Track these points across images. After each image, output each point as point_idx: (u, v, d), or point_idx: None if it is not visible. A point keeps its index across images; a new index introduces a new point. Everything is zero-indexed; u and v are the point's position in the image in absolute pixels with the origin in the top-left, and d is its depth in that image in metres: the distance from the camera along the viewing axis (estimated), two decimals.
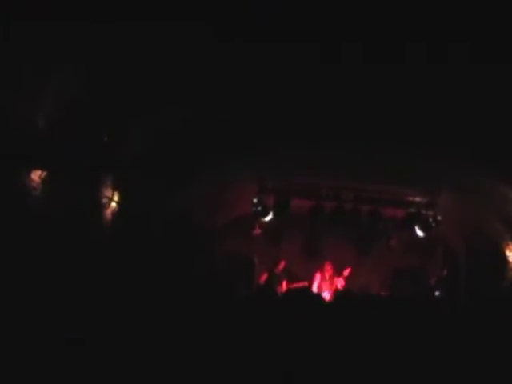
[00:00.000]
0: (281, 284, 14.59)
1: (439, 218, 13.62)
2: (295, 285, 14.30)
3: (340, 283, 14.58)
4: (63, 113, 7.13)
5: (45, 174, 7.07)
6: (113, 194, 9.63)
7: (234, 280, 13.80)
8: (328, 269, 14.75)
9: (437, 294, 15.21)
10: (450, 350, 5.62)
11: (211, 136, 9.93)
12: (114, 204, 9.69)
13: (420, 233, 14.15)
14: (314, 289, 14.27)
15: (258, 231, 15.76)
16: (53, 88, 6.85)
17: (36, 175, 6.98)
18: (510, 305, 10.36)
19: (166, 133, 9.45)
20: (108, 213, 9.62)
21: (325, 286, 14.39)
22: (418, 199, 13.74)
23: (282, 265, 15.27)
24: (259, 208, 13.71)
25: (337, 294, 7.05)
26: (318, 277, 14.75)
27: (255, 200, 13.60)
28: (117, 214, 9.82)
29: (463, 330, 6.22)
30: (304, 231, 16.53)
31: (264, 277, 14.84)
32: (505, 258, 14.08)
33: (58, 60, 6.56)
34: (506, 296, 13.42)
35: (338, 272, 14.85)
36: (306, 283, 14.47)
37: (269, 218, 14.07)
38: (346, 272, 14.83)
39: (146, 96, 8.21)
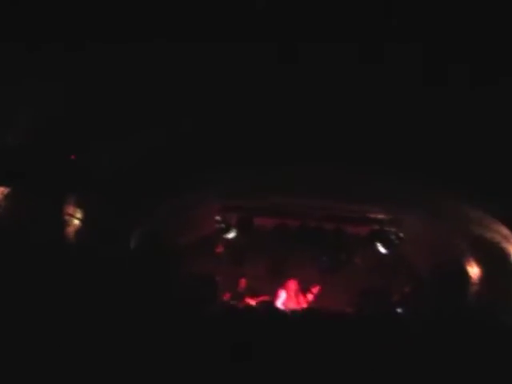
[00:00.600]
0: (243, 301, 14.51)
1: (401, 235, 13.73)
2: (256, 299, 14.28)
3: (307, 301, 14.55)
4: (31, 129, 7.08)
5: (8, 190, 6.98)
6: (75, 212, 9.54)
7: (197, 299, 13.68)
8: (292, 286, 14.71)
9: (399, 311, 15.25)
10: (415, 364, 5.65)
11: (178, 158, 9.90)
12: (76, 221, 9.59)
13: (383, 250, 14.24)
14: (279, 305, 14.23)
15: (220, 249, 15.69)
16: (24, 104, 6.81)
17: None
18: (472, 319, 10.43)
19: (133, 155, 9.42)
20: (70, 230, 9.52)
21: (290, 303, 14.33)
22: (381, 217, 13.82)
23: (242, 283, 15.21)
24: (222, 225, 13.68)
25: (303, 311, 7.05)
26: (282, 294, 14.70)
27: (218, 218, 13.58)
28: (80, 231, 9.73)
29: (427, 345, 6.26)
30: (268, 250, 16.50)
31: (227, 295, 14.77)
32: (466, 274, 14.25)
33: (29, 76, 6.52)
34: (468, 311, 13.57)
35: (304, 289, 14.82)
36: (266, 297, 14.44)
37: (232, 235, 14.03)
38: (315, 289, 14.80)
39: (114, 120, 8.19)
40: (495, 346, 6.35)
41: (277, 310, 7.63)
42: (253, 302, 14.25)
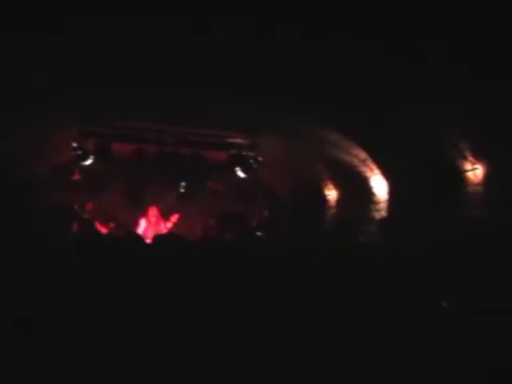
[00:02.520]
0: (93, 226, 14.09)
1: (260, 159, 13.69)
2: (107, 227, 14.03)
3: (166, 228, 14.39)
4: None
5: None
6: None
7: (57, 228, 13.14)
8: (153, 213, 14.50)
9: (259, 234, 15.42)
10: (275, 287, 5.61)
11: (31, 80, 9.25)
12: None
13: (242, 174, 14.19)
14: (140, 233, 13.98)
15: (77, 177, 15.13)
16: None
17: None
18: (329, 241, 10.61)
19: None
20: None
21: (151, 231, 14.09)
22: (239, 141, 13.69)
23: (89, 206, 14.82)
24: (79, 152, 13.10)
25: (156, 236, 6.90)
26: (143, 222, 14.46)
27: (75, 144, 12.97)
28: None
29: (286, 267, 6.23)
30: (127, 177, 16.13)
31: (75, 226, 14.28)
32: (325, 197, 14.54)
33: None
34: (326, 233, 13.91)
35: (164, 217, 14.66)
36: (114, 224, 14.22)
37: (89, 162, 13.48)
38: (174, 217, 14.66)
39: None
40: (352, 267, 6.42)
41: (138, 236, 7.38)
42: (104, 230, 13.91)
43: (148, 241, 9.36)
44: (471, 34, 6.29)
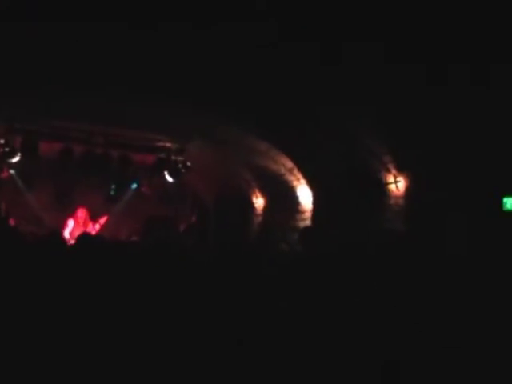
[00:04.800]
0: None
1: (188, 164, 13.76)
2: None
3: (94, 229, 14.31)
4: None
5: None
6: None
7: None
8: (81, 215, 14.39)
9: (187, 239, 15.49)
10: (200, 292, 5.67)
11: None
12: None
13: (169, 178, 14.23)
14: (66, 235, 13.82)
15: (5, 174, 14.82)
16: None
17: None
18: (254, 247, 10.74)
19: None
20: None
21: (78, 232, 13.95)
22: (168, 145, 13.76)
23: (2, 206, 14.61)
24: (6, 149, 12.90)
25: (78, 237, 6.82)
26: (70, 223, 14.33)
27: (2, 141, 12.78)
28: None
29: (211, 274, 6.30)
30: (55, 176, 15.91)
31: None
32: (252, 204, 14.67)
33: None
34: (250, 240, 14.03)
35: (93, 219, 14.56)
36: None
37: (16, 159, 13.27)
38: (103, 220, 14.59)
39: None
40: (275, 273, 6.54)
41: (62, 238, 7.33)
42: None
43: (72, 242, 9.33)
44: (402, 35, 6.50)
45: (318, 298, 5.95)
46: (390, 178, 9.27)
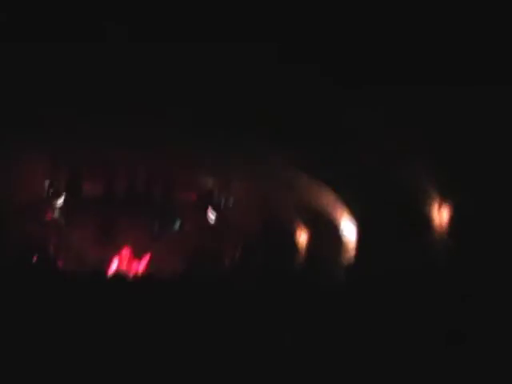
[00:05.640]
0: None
1: (232, 201, 13.83)
2: None
3: (140, 267, 14.40)
4: None
5: None
6: None
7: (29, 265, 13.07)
8: (126, 253, 14.51)
9: (233, 273, 15.48)
10: (251, 322, 5.74)
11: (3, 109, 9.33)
12: None
13: (212, 216, 14.30)
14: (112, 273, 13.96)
15: (50, 215, 15.05)
16: None
17: None
18: (298, 280, 10.75)
19: None
20: None
21: (124, 270, 14.10)
22: (211, 181, 13.85)
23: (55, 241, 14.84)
24: (51, 190, 13.17)
25: (137, 277, 6.87)
26: (115, 261, 14.46)
27: (47, 182, 13.04)
28: None
29: (259, 305, 6.37)
30: (98, 215, 16.11)
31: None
32: (295, 238, 14.65)
33: None
34: (294, 273, 13.99)
35: (137, 257, 14.66)
36: None
37: (61, 200, 13.53)
38: (146, 257, 14.67)
39: None
40: (318, 305, 6.60)
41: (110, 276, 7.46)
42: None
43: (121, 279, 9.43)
44: None
45: (365, 329, 5.98)
46: (434, 209, 9.22)
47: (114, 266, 14.37)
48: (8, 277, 6.44)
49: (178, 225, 16.39)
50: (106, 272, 13.64)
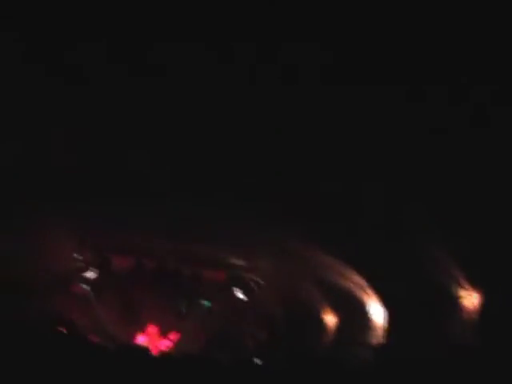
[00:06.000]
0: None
1: (260, 281, 13.79)
2: None
3: (165, 345, 14.28)
4: None
5: None
6: None
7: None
8: (152, 330, 14.43)
9: (255, 359, 15.24)
10: None
11: (33, 184, 9.50)
12: None
13: (241, 296, 14.23)
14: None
15: (78, 288, 15.08)
16: None
17: None
18: (325, 364, 10.56)
19: None
20: None
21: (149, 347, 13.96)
22: (239, 262, 13.84)
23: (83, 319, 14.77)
24: (80, 264, 13.28)
25: (162, 354, 6.84)
26: (140, 338, 14.37)
27: (76, 255, 13.16)
28: None
29: None
30: (124, 290, 16.12)
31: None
32: (321, 320, 14.46)
33: None
34: (321, 356, 13.74)
35: (163, 335, 14.56)
36: None
37: (90, 274, 13.63)
38: (173, 336, 14.55)
39: None
40: None
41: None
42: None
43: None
44: None
45: None
46: (463, 293, 9.08)
47: (139, 342, 14.26)
48: (37, 348, 6.44)
49: (205, 304, 16.30)
50: (131, 347, 13.54)
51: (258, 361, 13.41)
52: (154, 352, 13.65)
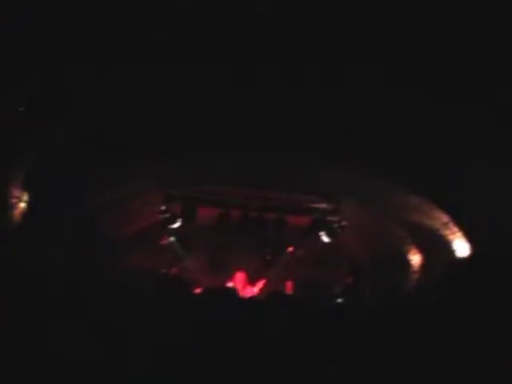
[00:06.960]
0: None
1: (344, 223, 13.80)
2: None
3: (253, 292, 14.52)
4: None
5: None
6: (22, 194, 9.27)
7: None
8: (240, 279, 14.66)
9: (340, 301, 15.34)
10: (359, 354, 5.67)
11: (117, 144, 9.75)
12: (23, 204, 9.32)
13: (326, 239, 14.29)
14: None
15: (165, 240, 15.47)
16: None
17: None
18: (413, 307, 10.54)
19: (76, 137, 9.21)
20: (16, 213, 9.24)
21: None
22: (322, 206, 13.87)
23: (175, 271, 15.15)
24: (167, 215, 13.58)
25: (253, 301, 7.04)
26: (230, 286, 14.65)
27: (163, 207, 13.46)
28: (25, 214, 9.46)
29: (369, 335, 6.30)
30: (211, 241, 16.47)
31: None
32: (407, 262, 14.42)
33: None
34: (408, 299, 13.72)
35: (251, 282, 14.80)
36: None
37: (176, 225, 13.94)
38: (260, 283, 14.76)
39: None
40: (433, 336, 6.44)
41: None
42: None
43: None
44: None
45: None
46: None
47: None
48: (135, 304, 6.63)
49: (291, 250, 16.45)
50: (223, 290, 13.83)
51: (344, 302, 13.52)
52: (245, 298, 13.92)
